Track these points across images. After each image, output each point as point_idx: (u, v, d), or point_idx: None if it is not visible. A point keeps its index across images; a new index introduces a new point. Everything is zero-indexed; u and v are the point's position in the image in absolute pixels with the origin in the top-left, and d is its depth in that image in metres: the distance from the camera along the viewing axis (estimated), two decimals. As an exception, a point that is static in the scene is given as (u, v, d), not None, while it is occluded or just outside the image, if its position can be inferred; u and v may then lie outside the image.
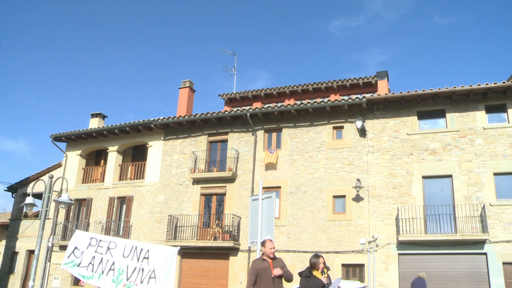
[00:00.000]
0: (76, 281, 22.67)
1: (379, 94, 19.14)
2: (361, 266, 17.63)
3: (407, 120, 18.48)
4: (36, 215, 27.10)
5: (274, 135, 20.61)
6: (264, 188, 8.67)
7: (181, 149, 22.08)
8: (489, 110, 17.74)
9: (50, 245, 23.64)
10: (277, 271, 6.91)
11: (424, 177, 17.68)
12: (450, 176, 17.37)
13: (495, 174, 16.87)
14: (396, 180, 17.89)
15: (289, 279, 7.12)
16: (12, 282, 25.52)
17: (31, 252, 25.11)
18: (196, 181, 21.09)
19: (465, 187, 16.99)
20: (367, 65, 76.04)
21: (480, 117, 17.59)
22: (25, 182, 27.14)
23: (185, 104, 24.35)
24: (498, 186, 16.77)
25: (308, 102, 19.78)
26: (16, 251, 25.97)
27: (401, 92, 18.07)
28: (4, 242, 29.06)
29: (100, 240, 10.00)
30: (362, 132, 18.79)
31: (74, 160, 25.19)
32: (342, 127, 19.38)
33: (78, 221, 23.88)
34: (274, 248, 7.19)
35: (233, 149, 20.71)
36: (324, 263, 7.14)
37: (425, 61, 69.37)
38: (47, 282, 23.45)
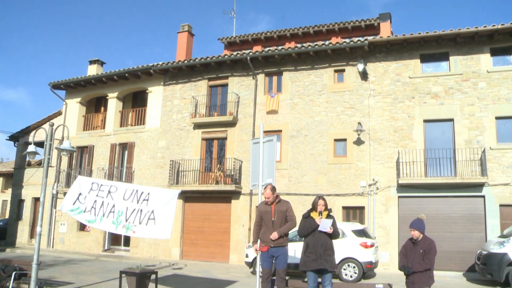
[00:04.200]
0: (82, 227, 23.15)
1: (381, 37, 18.80)
2: (361, 208, 17.89)
3: (409, 63, 18.21)
4: (39, 163, 27.38)
5: (274, 78, 20.41)
6: (265, 131, 8.64)
7: (181, 94, 21.95)
8: (494, 52, 17.42)
9: (54, 192, 23.98)
10: (273, 236, 7.23)
11: (425, 121, 17.63)
12: (451, 120, 17.31)
13: (497, 118, 16.80)
14: (397, 123, 17.85)
15: (290, 225, 7.35)
16: (21, 228, 26.13)
17: (36, 199, 25.54)
18: (197, 126, 21.10)
19: (466, 131, 16.97)
20: (371, 7, 74.38)
21: (484, 60, 17.30)
22: (26, 131, 27.22)
23: (184, 49, 23.98)
24: (499, 130, 16.74)
25: (309, 45, 19.42)
26: (23, 198, 26.43)
27: (404, 35, 17.71)
28: (10, 190, 29.55)
29: (101, 185, 10.09)
30: (364, 75, 18.57)
31: (74, 107, 25.12)
32: (343, 70, 19.14)
33: (80, 168, 24.10)
34: (268, 197, 7.41)
35: (234, 93, 20.57)
36: (325, 205, 7.18)
37: (430, 3, 67.75)
38: (54, 228, 23.97)
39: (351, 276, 13.66)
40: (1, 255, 20.16)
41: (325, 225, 6.96)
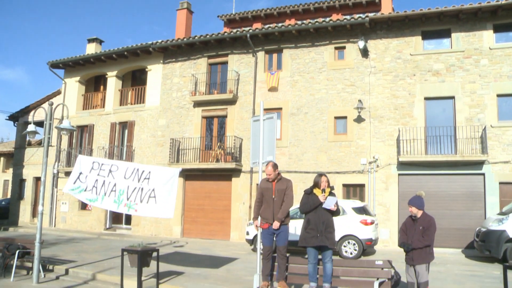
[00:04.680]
0: (84, 206, 23.29)
1: (382, 13, 18.55)
2: (362, 186, 17.95)
3: (410, 40, 18.03)
4: (40, 143, 27.39)
5: (274, 56, 20.25)
6: (265, 109, 8.59)
7: (181, 72, 21.81)
8: (497, 29, 17.21)
9: (55, 171, 24.04)
10: (275, 225, 7.22)
11: (426, 99, 17.54)
12: (452, 97, 17.22)
13: (498, 95, 16.70)
14: (398, 101, 17.77)
15: (286, 206, 7.35)
16: (23, 208, 26.30)
17: (37, 179, 25.64)
18: (197, 104, 21.03)
19: (467, 109, 16.89)
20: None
21: (487, 36, 17.11)
22: (26, 110, 27.18)
23: (183, 27, 23.75)
24: (501, 107, 16.66)
25: (310, 22, 19.20)
26: (24, 178, 26.54)
27: (405, 11, 17.51)
28: (11, 170, 29.64)
29: (102, 164, 10.09)
30: (365, 52, 18.41)
31: (73, 86, 25.00)
32: (344, 48, 18.97)
33: (81, 148, 24.12)
34: (270, 174, 7.43)
35: (234, 71, 20.44)
36: (327, 182, 7.20)
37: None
38: (55, 207, 24.11)
39: (351, 253, 13.77)
40: (4, 234, 20.36)
41: (329, 202, 6.99)
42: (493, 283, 9.73)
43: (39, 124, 20.60)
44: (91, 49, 25.51)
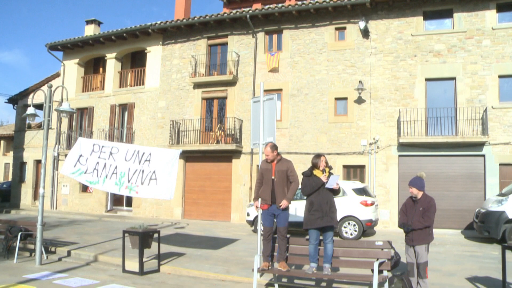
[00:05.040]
0: (85, 188, 23.36)
1: (383, -7, 18.34)
2: (362, 167, 17.98)
3: (412, 20, 17.85)
4: (39, 126, 27.38)
5: (274, 37, 20.09)
6: (265, 90, 8.54)
7: (181, 53, 21.66)
8: (501, 8, 17.02)
9: (56, 154, 24.06)
10: (284, 204, 7.19)
11: (427, 80, 17.45)
12: (453, 78, 17.12)
13: (500, 76, 16.59)
14: (398, 82, 17.68)
15: (295, 186, 7.34)
16: (24, 190, 26.39)
17: (38, 161, 25.67)
18: (197, 86, 20.94)
19: (468, 90, 16.81)
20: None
21: (489, 16, 16.92)
22: (25, 93, 27.07)
23: (182, 8, 23.50)
24: (502, 88, 16.57)
25: (310, 2, 18.98)
26: (24, 161, 26.57)
27: (407, -9, 17.32)
28: (11, 153, 29.67)
29: (102, 146, 10.08)
30: (365, 33, 18.25)
31: (72, 69, 24.86)
32: (344, 28, 18.79)
33: (81, 130, 24.11)
34: (268, 154, 7.37)
35: (234, 52, 20.30)
36: (326, 162, 7.18)
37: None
38: (57, 190, 24.20)
39: (351, 234, 13.85)
40: (6, 216, 20.46)
41: (332, 181, 7.00)
42: (492, 263, 9.81)
43: (39, 106, 20.51)
44: (90, 30, 25.30)
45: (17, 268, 9.47)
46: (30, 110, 10.71)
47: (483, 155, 16.42)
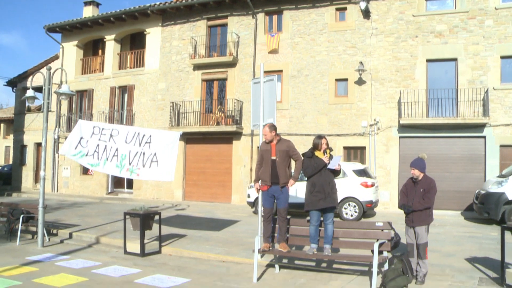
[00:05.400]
0: (85, 170, 23.41)
1: (385, -28, 18.10)
2: (362, 148, 17.98)
3: (413, 0, 17.63)
4: (39, 109, 27.29)
5: (275, 17, 19.88)
6: (265, 72, 8.49)
7: (180, 35, 21.48)
8: (505, -13, 16.80)
9: (56, 137, 24.06)
10: (290, 184, 7.27)
11: (428, 60, 17.32)
12: (455, 59, 16.98)
13: (502, 57, 16.43)
14: (399, 63, 17.56)
15: (300, 164, 7.31)
16: (25, 173, 26.47)
17: (38, 144, 25.68)
18: (197, 67, 20.82)
19: (470, 71, 16.69)
20: None
21: (493, -5, 16.72)
22: (24, 76, 26.94)
23: (181, -12, 23.20)
24: (504, 69, 16.44)
25: (310, -18, 18.77)
26: (25, 144, 26.59)
27: (409, -30, 17.08)
28: (12, 136, 29.66)
29: (103, 128, 10.07)
30: (366, 13, 18.05)
31: (71, 51, 24.69)
32: (345, 9, 18.59)
33: (81, 113, 24.05)
34: (265, 134, 7.32)
35: (233, 33, 20.12)
36: (327, 144, 7.16)
37: None
38: (57, 172, 24.26)
39: (351, 215, 13.91)
40: (8, 199, 20.53)
41: (335, 162, 7.00)
42: (491, 244, 9.86)
43: (38, 89, 20.43)
44: (88, 12, 25.06)
45: (19, 250, 9.55)
46: (30, 92, 10.67)
47: (484, 137, 16.39)
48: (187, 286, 6.71)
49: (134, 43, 24.09)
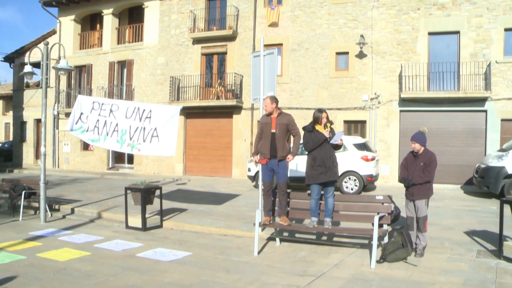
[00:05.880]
0: (86, 146, 23.43)
1: None
2: (363, 122, 17.95)
3: (416, -29, 17.35)
4: (38, 85, 27.09)
5: (275, -10, 19.60)
6: (265, 45, 8.40)
7: (179, 8, 21.19)
8: (510, -44, 16.46)
9: (55, 113, 24.00)
10: (289, 159, 7.19)
11: (430, 33, 17.12)
12: (457, 32, 16.78)
13: (506, 29, 16.22)
14: (401, 36, 17.36)
15: (298, 140, 7.25)
16: (26, 150, 26.48)
17: (38, 120, 25.60)
18: (196, 41, 20.62)
19: (472, 44, 16.50)
20: None
21: (498, -35, 16.39)
22: (21, 51, 26.63)
23: (180, -40, 22.80)
24: (508, 42, 16.26)
25: (311, -47, 18.41)
26: (24, 120, 26.51)
27: None
28: (11, 112, 29.58)
29: (102, 104, 10.01)
30: (368, -15, 17.78)
31: (68, 25, 24.40)
32: (346, -20, 18.29)
33: (80, 88, 23.93)
34: (266, 105, 7.24)
35: (233, 7, 19.84)
36: (327, 118, 7.11)
37: None
38: (58, 148, 24.28)
39: (351, 189, 13.97)
40: (9, 175, 20.62)
41: (337, 137, 6.98)
42: (490, 217, 9.92)
43: (36, 65, 20.26)
44: (85, -15, 24.64)
45: (22, 226, 9.62)
46: (27, 68, 10.56)
47: (485, 111, 16.32)
48: (189, 260, 6.78)
49: (133, 17, 23.80)
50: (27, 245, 7.71)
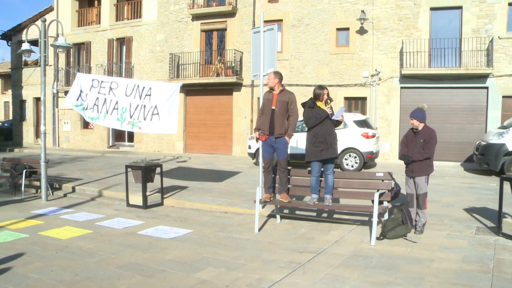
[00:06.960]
0: (86, 124, 23.41)
1: None
2: (363, 99, 17.87)
3: None
4: (36, 63, 26.91)
5: (275, -36, 19.28)
6: (265, 21, 8.26)
7: (178, -16, 20.91)
8: None
9: (55, 91, 23.90)
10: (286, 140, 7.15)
11: (432, 9, 16.91)
12: (460, 7, 16.56)
13: (510, 4, 16.00)
14: (402, 11, 17.14)
15: (294, 121, 7.20)
16: (26, 129, 26.46)
17: (37, 99, 25.50)
18: (196, 17, 20.39)
19: (475, 19, 16.29)
20: None
21: None
22: (19, 28, 26.36)
23: None
24: (511, 17, 16.03)
25: None
26: (24, 99, 26.42)
27: None
28: (10, 91, 29.44)
29: (102, 81, 9.91)
30: (369, -41, 17.48)
31: (66, 2, 24.10)
32: (347, -46, 17.99)
33: (79, 66, 23.77)
34: (270, 79, 7.18)
35: (232, -18, 19.59)
36: (328, 94, 7.05)
37: None
38: (58, 127, 24.25)
39: (352, 166, 13.99)
40: (10, 155, 20.64)
41: (339, 113, 6.94)
42: (490, 194, 9.94)
43: (34, 42, 19.99)
44: (82, -40, 24.28)
45: (24, 205, 9.66)
46: (25, 46, 10.45)
47: (487, 87, 16.23)
48: (190, 237, 6.82)
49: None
50: (29, 223, 7.75)
